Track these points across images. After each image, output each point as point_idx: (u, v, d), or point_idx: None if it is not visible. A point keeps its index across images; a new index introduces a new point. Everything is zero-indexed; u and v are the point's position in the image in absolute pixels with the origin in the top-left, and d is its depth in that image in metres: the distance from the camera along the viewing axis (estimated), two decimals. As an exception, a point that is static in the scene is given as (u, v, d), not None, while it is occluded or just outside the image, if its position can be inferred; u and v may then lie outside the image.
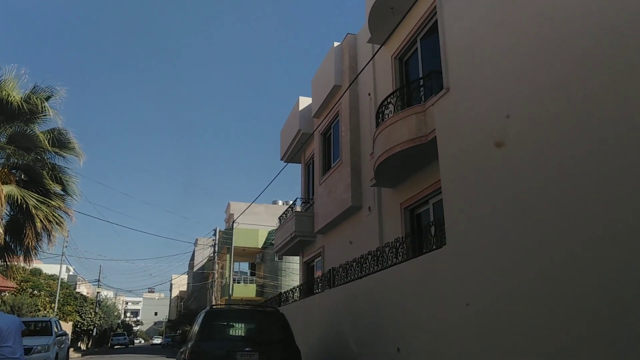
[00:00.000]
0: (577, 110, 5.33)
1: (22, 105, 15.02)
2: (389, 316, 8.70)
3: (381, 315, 9.02)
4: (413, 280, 8.04)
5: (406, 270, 8.29)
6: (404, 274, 8.38)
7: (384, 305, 8.95)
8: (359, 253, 11.55)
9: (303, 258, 17.87)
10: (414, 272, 8.05)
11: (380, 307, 9.14)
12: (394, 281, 8.68)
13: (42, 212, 15.20)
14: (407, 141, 9.09)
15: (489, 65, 6.91)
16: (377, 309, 9.26)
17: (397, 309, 8.43)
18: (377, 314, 9.21)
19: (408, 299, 8.13)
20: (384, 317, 8.91)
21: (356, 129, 13.42)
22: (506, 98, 6.45)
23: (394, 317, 8.52)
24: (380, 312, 9.09)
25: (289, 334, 9.05)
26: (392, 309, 8.64)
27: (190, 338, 9.67)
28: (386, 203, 11.64)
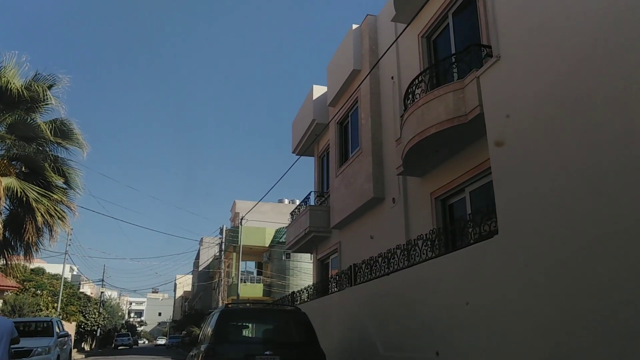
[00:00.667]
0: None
1: (22, 92, 14.20)
2: (425, 316, 7.81)
3: (414, 314, 8.14)
4: (455, 275, 7.15)
5: (446, 265, 7.40)
6: (443, 269, 7.49)
7: (418, 304, 8.07)
8: (382, 248, 10.69)
9: (317, 255, 17.00)
10: (456, 266, 7.16)
11: (412, 305, 8.26)
12: (431, 277, 7.80)
13: (43, 205, 14.36)
14: (444, 122, 8.21)
15: (548, 27, 6.02)
16: (409, 307, 8.38)
17: (435, 307, 7.55)
18: (410, 313, 8.32)
19: (449, 296, 7.24)
20: (418, 317, 8.02)
21: (377, 116, 12.54)
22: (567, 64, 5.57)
23: (431, 317, 7.64)
24: (413, 312, 8.20)
25: (312, 336, 8.18)
26: (428, 307, 7.75)
27: (203, 340, 8.82)
28: (413, 193, 10.76)
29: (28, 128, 14.61)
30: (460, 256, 7.10)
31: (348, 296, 11.19)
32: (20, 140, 14.80)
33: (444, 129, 8.25)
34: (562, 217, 5.42)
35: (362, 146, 12.81)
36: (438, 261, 7.62)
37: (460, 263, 7.07)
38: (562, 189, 5.49)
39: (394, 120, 11.67)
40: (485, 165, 8.35)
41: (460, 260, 7.08)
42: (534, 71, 6.13)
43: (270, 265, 38.41)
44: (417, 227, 10.36)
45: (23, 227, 14.33)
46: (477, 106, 7.70)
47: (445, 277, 7.40)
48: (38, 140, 15.07)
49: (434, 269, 7.72)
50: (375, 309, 9.79)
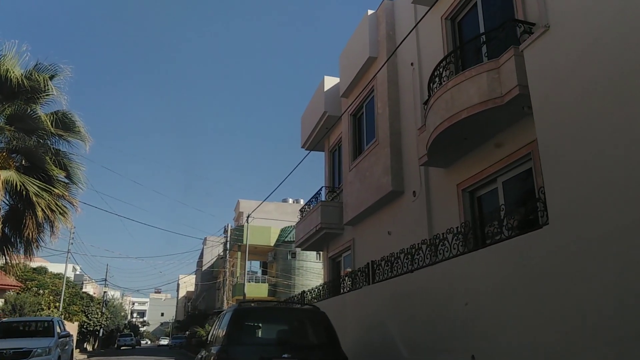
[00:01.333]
0: None
1: (22, 82, 13.59)
2: (457, 316, 7.14)
3: (444, 314, 7.47)
4: (494, 270, 6.49)
5: (482, 260, 6.73)
6: (478, 264, 6.82)
7: (449, 303, 7.40)
8: (401, 245, 10.05)
9: (328, 253, 16.33)
10: (495, 260, 6.49)
11: (442, 305, 7.59)
12: (464, 273, 7.12)
13: (44, 200, 13.74)
14: (477, 105, 7.54)
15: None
16: (438, 307, 7.71)
17: (469, 306, 6.88)
18: (439, 313, 7.65)
19: (486, 294, 6.58)
20: (448, 318, 7.35)
21: (395, 105, 11.88)
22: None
23: (465, 317, 6.97)
24: (443, 311, 7.53)
25: (333, 337, 7.51)
26: (461, 306, 7.09)
27: (213, 341, 8.16)
28: (437, 185, 10.10)
29: (28, 119, 13.99)
30: (500, 250, 6.43)
31: (366, 295, 10.53)
32: (20, 132, 14.18)
33: (477, 113, 7.58)
34: (623, 205, 4.75)
35: (379, 137, 12.15)
36: (473, 256, 6.95)
37: (501, 257, 6.40)
38: (622, 174, 4.82)
39: (414, 109, 11.02)
40: (522, 152, 7.71)
41: (500, 254, 6.41)
42: (588, 42, 5.46)
43: (275, 264, 37.75)
44: (441, 222, 9.70)
45: (23, 223, 13.70)
46: (515, 86, 7.04)
47: (482, 273, 6.73)
48: (39, 132, 14.44)
49: (467, 265, 7.05)
50: (397, 309, 9.13)
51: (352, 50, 13.97)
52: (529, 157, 7.58)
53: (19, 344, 12.79)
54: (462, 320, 7.03)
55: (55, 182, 14.66)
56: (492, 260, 6.55)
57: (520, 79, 7.00)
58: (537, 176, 7.35)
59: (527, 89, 6.94)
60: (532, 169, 7.57)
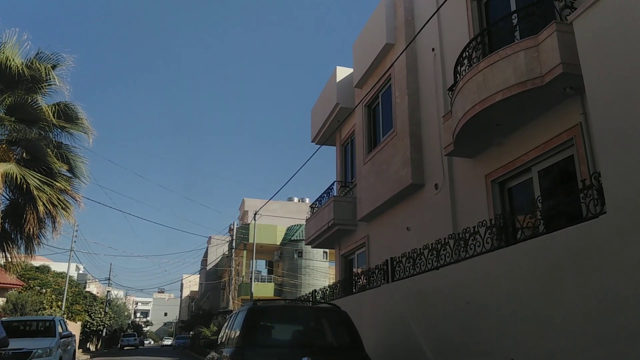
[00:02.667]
0: None
1: (23, 70, 13.00)
2: (492, 316, 6.53)
3: (477, 314, 6.85)
4: (537, 266, 5.86)
5: (522, 255, 6.11)
6: (517, 260, 6.20)
7: (481, 301, 6.78)
8: (421, 241, 9.48)
9: (340, 251, 15.72)
10: (538, 255, 5.86)
11: (474, 303, 6.97)
12: (500, 270, 6.50)
13: (45, 194, 13.16)
14: (514, 86, 6.92)
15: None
16: (468, 306, 7.09)
17: (508, 305, 6.26)
18: (470, 312, 7.03)
19: (527, 291, 5.95)
20: (481, 318, 6.74)
21: (415, 93, 11.26)
22: None
23: (502, 317, 6.35)
24: (474, 311, 6.91)
25: (356, 338, 6.90)
26: (496, 306, 6.47)
27: (226, 343, 7.56)
28: (462, 177, 9.48)
29: (29, 110, 13.40)
30: (544, 244, 5.80)
31: (385, 293, 9.91)
32: (21, 123, 13.60)
33: (513, 95, 6.95)
34: None
35: (397, 128, 11.53)
36: (513, 250, 6.32)
37: (545, 252, 5.78)
38: None
39: (436, 96, 10.41)
40: (562, 138, 7.08)
41: (545, 248, 5.79)
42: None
43: (281, 264, 37.14)
44: (467, 216, 9.09)
45: (23, 218, 13.12)
46: (558, 64, 6.42)
47: (522, 270, 6.11)
48: (40, 124, 13.85)
49: (505, 260, 6.42)
50: (421, 308, 8.52)
51: (367, 38, 13.36)
52: (571, 142, 6.96)
53: (19, 344, 12.21)
54: (499, 320, 6.42)
55: (57, 175, 14.09)
56: (535, 255, 5.92)
57: (563, 57, 6.38)
58: (581, 163, 6.73)
59: (571, 67, 6.35)
60: (573, 156, 6.95)
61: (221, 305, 44.19)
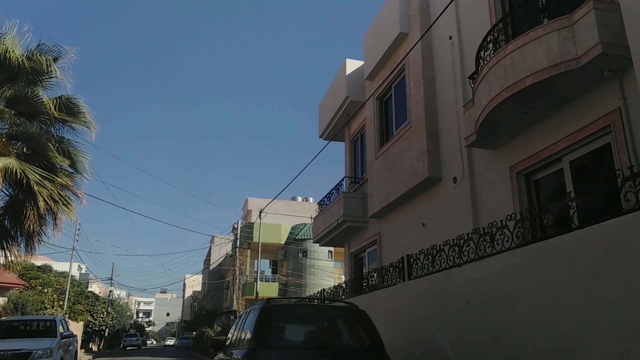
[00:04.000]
0: None
1: (23, 62, 12.58)
2: (524, 316, 6.06)
3: (506, 315, 6.38)
4: (577, 261, 5.39)
5: (558, 249, 5.63)
6: (553, 255, 5.72)
7: (511, 301, 6.30)
8: (438, 237, 9.02)
9: (350, 249, 15.25)
10: (576, 249, 5.39)
11: (502, 303, 6.50)
12: (534, 266, 6.02)
13: (46, 189, 12.71)
14: (547, 69, 6.44)
15: None
16: (496, 306, 6.62)
17: (542, 305, 5.78)
18: (498, 313, 6.57)
19: (565, 290, 5.48)
20: (512, 319, 6.27)
21: (431, 84, 10.80)
22: None
23: (535, 318, 5.88)
24: (502, 311, 6.44)
25: (377, 340, 6.44)
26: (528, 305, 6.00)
27: (235, 344, 7.11)
28: (483, 170, 9.01)
29: (29, 103, 12.97)
30: (581, 238, 5.32)
31: (401, 292, 9.44)
32: (21, 116, 13.19)
33: (546, 79, 6.49)
34: None
35: (412, 120, 11.06)
36: (544, 246, 5.85)
37: (582, 247, 5.30)
38: None
39: (454, 86, 9.94)
40: (599, 124, 6.61)
41: (582, 243, 5.31)
42: None
43: (285, 263, 36.68)
44: (489, 210, 8.63)
45: (23, 214, 12.70)
46: (596, 44, 5.95)
47: (557, 266, 5.64)
48: (41, 117, 13.43)
49: (536, 257, 5.95)
50: (442, 307, 8.04)
51: (379, 28, 12.89)
52: (608, 129, 6.49)
53: (19, 344, 11.80)
54: (532, 320, 5.94)
55: (59, 171, 13.66)
56: (572, 249, 5.44)
57: (602, 36, 5.92)
58: (620, 152, 6.26)
59: (611, 48, 5.89)
60: (610, 144, 6.48)
61: (224, 305, 43.76)
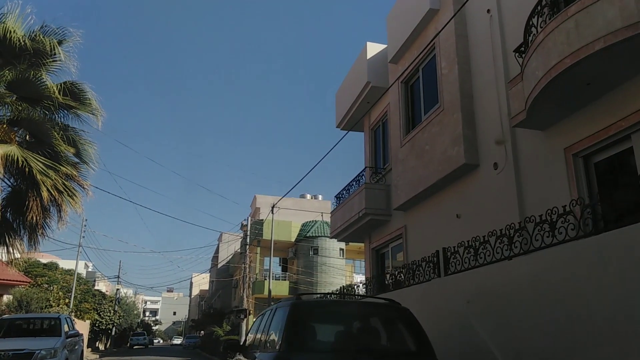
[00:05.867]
0: None
1: (25, 43, 11.82)
2: (595, 318, 5.19)
3: (572, 314, 5.51)
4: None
5: None
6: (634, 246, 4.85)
7: (577, 299, 5.44)
8: (475, 230, 8.22)
9: (371, 244, 14.40)
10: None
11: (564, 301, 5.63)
12: (608, 257, 5.16)
13: (50, 179, 11.95)
14: (621, 30, 5.56)
15: None
16: (558, 304, 5.76)
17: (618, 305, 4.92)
18: (558, 312, 5.70)
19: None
20: (579, 319, 5.40)
21: (465, 62, 9.93)
22: None
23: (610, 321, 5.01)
24: (566, 310, 5.58)
25: (425, 342, 5.59)
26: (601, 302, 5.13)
27: (259, 345, 6.29)
28: (530, 153, 8.13)
29: (32, 87, 12.20)
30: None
31: (436, 289, 8.58)
32: (23, 102, 12.42)
33: (619, 42, 5.61)
34: None
35: (444, 102, 10.20)
36: (626, 233, 4.98)
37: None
38: None
39: (493, 63, 9.08)
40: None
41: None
42: None
43: (296, 261, 35.86)
44: (539, 197, 7.76)
45: (26, 205, 11.93)
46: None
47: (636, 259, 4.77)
48: (44, 103, 12.65)
49: (616, 246, 5.09)
50: (487, 305, 7.17)
51: (405, 6, 12.04)
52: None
53: (21, 344, 11.03)
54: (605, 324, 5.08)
55: (63, 159, 12.89)
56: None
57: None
58: None
59: None
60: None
61: (233, 304, 43.01)
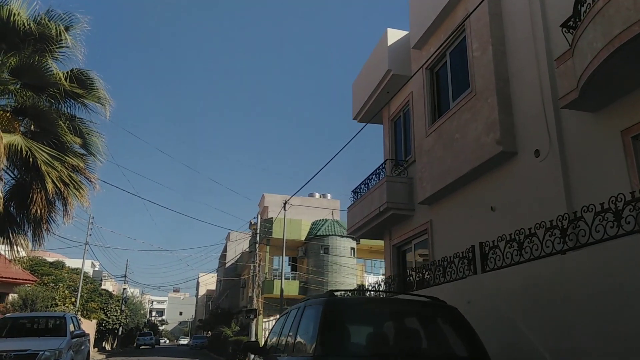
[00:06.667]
0: None
1: (30, 27, 11.23)
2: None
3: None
4: None
5: None
6: None
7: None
8: (512, 224, 7.60)
9: (391, 241, 13.68)
10: None
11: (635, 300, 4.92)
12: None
13: (55, 170, 11.35)
14: None
15: None
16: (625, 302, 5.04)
17: None
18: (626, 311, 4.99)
19: None
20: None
21: (500, 43, 9.22)
22: None
23: None
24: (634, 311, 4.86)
25: (478, 346, 4.88)
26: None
27: (284, 349, 5.60)
28: (578, 137, 7.40)
29: (37, 73, 11.59)
30: None
31: (472, 287, 7.85)
32: (28, 89, 11.81)
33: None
34: None
35: (476, 87, 9.48)
36: None
37: None
38: None
39: (534, 42, 8.38)
40: None
41: None
42: None
43: (306, 260, 35.18)
44: (590, 186, 7.04)
45: (30, 198, 11.32)
46: None
47: None
48: (50, 91, 12.05)
49: None
50: (538, 305, 6.45)
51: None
52: None
53: (23, 344, 10.42)
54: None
55: (69, 150, 12.30)
56: None
57: None
58: None
59: None
60: None
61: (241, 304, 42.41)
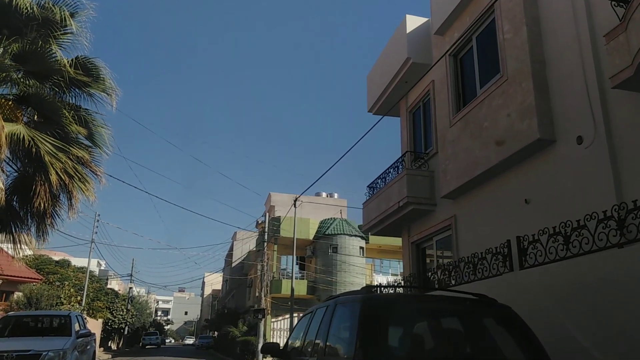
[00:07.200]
0: None
1: (33, 10, 10.70)
2: None
3: None
4: None
5: None
6: None
7: None
8: (550, 218, 7.02)
9: (410, 238, 13.05)
10: None
11: None
12: None
13: (60, 162, 10.80)
14: None
15: None
16: None
17: None
18: None
19: None
20: None
21: (535, 24, 8.58)
22: None
23: None
24: None
25: (540, 351, 4.27)
26: None
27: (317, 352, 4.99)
28: (628, 122, 6.76)
29: (41, 60, 11.04)
30: None
31: (508, 285, 7.21)
32: (31, 77, 11.28)
33: None
34: None
35: (508, 71, 8.85)
36: None
37: None
38: None
39: (574, 21, 7.73)
40: None
41: None
42: None
43: (314, 259, 34.58)
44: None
45: (33, 190, 10.78)
46: None
47: None
48: (54, 79, 11.51)
49: None
50: (588, 303, 5.83)
51: (455, -31, 10.70)
52: None
53: (26, 344, 9.88)
54: None
55: (74, 142, 11.74)
56: None
57: None
58: None
59: None
60: None
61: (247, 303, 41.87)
